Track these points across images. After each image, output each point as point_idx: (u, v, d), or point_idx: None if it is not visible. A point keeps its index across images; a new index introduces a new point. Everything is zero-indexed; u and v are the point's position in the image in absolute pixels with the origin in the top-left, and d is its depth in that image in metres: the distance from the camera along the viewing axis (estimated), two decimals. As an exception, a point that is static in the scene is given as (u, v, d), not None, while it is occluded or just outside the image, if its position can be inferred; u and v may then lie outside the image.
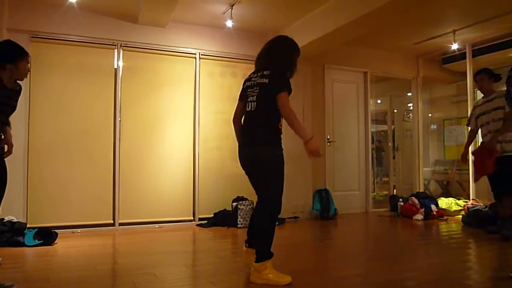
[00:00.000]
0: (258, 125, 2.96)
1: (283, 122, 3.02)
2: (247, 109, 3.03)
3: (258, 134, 2.96)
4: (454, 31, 6.00)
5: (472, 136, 4.69)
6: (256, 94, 2.96)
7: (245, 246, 3.18)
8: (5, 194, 2.87)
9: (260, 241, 2.99)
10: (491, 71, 4.54)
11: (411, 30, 6.06)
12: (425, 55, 7.29)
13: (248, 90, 3.04)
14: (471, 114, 4.69)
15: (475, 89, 6.55)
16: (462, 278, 3.16)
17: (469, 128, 4.76)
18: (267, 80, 2.93)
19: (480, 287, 2.93)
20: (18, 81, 2.92)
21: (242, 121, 3.12)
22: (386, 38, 6.35)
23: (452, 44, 6.27)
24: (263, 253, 2.94)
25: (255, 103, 2.96)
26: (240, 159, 3.09)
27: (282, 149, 3.00)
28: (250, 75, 3.14)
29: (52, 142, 5.02)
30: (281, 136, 3.01)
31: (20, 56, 2.84)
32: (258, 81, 2.98)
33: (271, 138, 2.96)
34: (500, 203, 4.39)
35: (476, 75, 4.58)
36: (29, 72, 2.98)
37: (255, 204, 4.09)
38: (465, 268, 3.53)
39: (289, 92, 2.91)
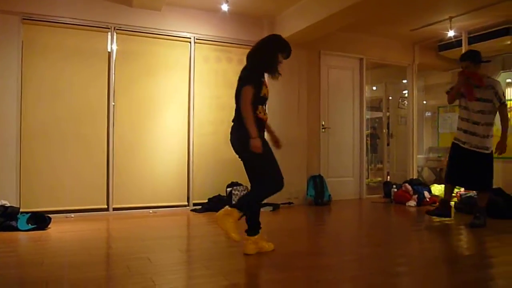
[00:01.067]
0: (237, 116, 3.28)
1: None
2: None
3: (237, 123, 3.28)
4: (450, 18, 5.97)
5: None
6: (236, 88, 3.30)
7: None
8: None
9: (244, 198, 3.41)
10: (476, 55, 4.48)
11: (408, 17, 6.02)
12: (421, 42, 7.26)
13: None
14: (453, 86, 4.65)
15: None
16: (454, 263, 3.20)
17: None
18: (241, 74, 3.31)
19: (471, 272, 2.96)
20: None
21: None
22: (382, 25, 6.31)
23: (448, 31, 6.24)
24: (238, 206, 3.22)
25: (235, 96, 3.30)
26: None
27: (259, 133, 3.23)
28: None
29: (45, 126, 4.98)
30: (263, 122, 3.31)
31: None
32: (239, 76, 3.34)
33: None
34: (450, 188, 4.71)
35: (461, 60, 4.52)
36: None
37: (248, 189, 4.22)
38: (456, 254, 3.57)
39: (255, 86, 3.19)
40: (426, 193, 6.14)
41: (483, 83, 4.33)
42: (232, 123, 3.34)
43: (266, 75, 3.39)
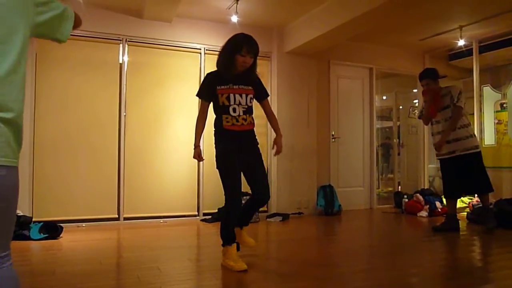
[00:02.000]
0: None
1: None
2: None
3: None
4: (460, 27, 5.95)
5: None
6: None
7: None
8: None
9: (220, 230, 3.27)
10: (434, 73, 4.78)
11: (417, 26, 6.01)
12: (432, 52, 7.24)
13: None
14: (422, 109, 4.90)
15: (482, 86, 6.52)
16: (466, 274, 3.16)
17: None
18: None
19: (482, 284, 2.92)
20: None
21: None
22: (392, 34, 6.32)
23: (458, 40, 6.21)
24: (222, 239, 3.24)
25: None
26: None
27: (221, 146, 3.25)
28: None
29: (57, 137, 5.05)
30: (233, 132, 3.19)
31: None
32: None
33: (216, 135, 3.32)
34: (454, 202, 4.80)
35: (420, 79, 4.82)
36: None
37: None
38: (468, 265, 3.53)
39: (199, 96, 3.32)
40: (437, 204, 6.07)
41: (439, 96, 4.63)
42: None
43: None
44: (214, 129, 3.30)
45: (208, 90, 3.20)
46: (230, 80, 3.15)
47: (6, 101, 1.28)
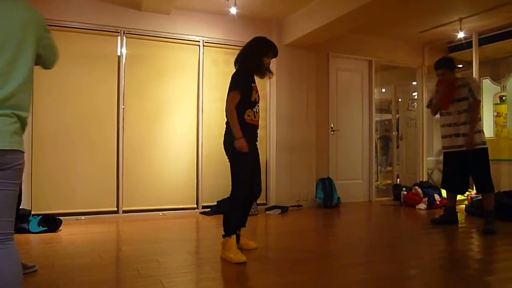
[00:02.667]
0: (227, 120, 3.36)
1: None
2: None
3: (227, 127, 3.40)
4: (460, 20, 5.93)
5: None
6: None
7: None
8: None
9: (223, 220, 3.33)
10: (450, 62, 4.62)
11: (417, 19, 5.99)
12: (431, 44, 7.22)
13: None
14: (432, 97, 4.76)
15: (481, 78, 6.51)
16: (464, 267, 3.17)
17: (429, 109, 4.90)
18: (231, 79, 3.38)
19: (482, 276, 2.93)
20: None
21: None
22: (391, 27, 6.29)
23: (458, 33, 6.19)
24: (224, 231, 3.29)
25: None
26: None
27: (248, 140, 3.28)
28: None
29: (55, 129, 5.03)
30: (252, 127, 3.37)
31: None
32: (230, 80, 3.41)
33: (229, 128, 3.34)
34: (452, 195, 4.76)
35: (436, 68, 4.65)
36: None
37: None
38: (467, 257, 3.54)
39: (239, 89, 3.28)
40: (436, 196, 6.09)
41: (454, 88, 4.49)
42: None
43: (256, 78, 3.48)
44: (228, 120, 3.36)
45: (245, 85, 3.34)
46: (254, 79, 3.44)
47: (25, 104, 1.73)
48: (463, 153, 4.45)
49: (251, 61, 3.42)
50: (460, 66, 4.65)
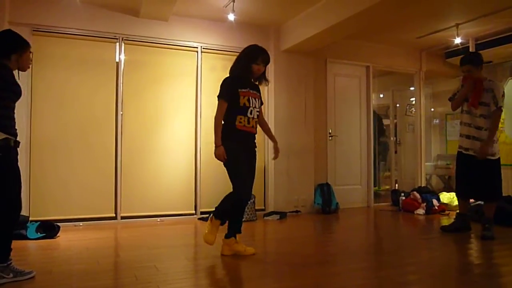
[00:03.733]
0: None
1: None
2: None
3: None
4: (457, 25, 5.96)
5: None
6: None
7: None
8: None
9: (220, 206, 3.52)
10: (477, 57, 4.40)
11: (414, 24, 6.02)
12: (428, 49, 7.25)
13: None
14: (458, 91, 4.51)
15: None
16: (464, 272, 3.17)
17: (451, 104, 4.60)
18: None
19: (481, 281, 2.93)
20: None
21: None
22: (389, 32, 6.32)
23: (455, 38, 6.22)
24: (215, 213, 3.52)
25: None
26: None
27: (232, 144, 3.40)
28: None
29: (54, 135, 5.03)
30: (245, 133, 3.45)
31: (24, 47, 2.87)
32: None
33: (224, 132, 3.42)
34: (465, 201, 4.61)
35: (462, 64, 4.41)
36: (31, 63, 3.00)
37: (255, 198, 4.46)
38: (466, 262, 3.54)
39: (223, 97, 3.45)
40: (434, 201, 6.09)
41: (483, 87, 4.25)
42: None
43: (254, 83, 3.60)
44: (224, 124, 3.46)
45: (230, 92, 3.44)
46: (247, 85, 3.49)
47: None
48: (470, 158, 4.32)
49: (240, 67, 3.52)
50: (488, 62, 4.31)
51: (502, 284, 2.91)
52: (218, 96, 3.48)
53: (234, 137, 3.40)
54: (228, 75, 3.62)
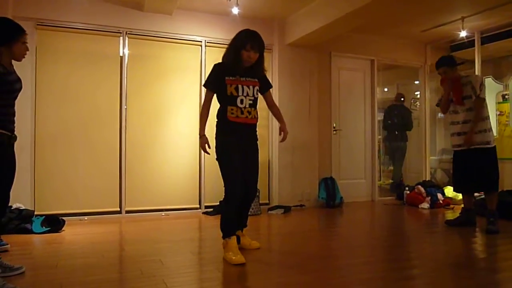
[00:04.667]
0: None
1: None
2: None
3: None
4: (462, 18, 5.91)
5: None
6: None
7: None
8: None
9: (220, 223, 3.32)
10: (451, 59, 4.57)
11: (419, 18, 5.98)
12: (433, 43, 7.20)
13: None
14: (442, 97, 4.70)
15: (484, 77, 6.48)
16: (467, 266, 3.16)
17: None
18: None
19: (484, 276, 2.93)
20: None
21: None
22: (393, 26, 6.28)
23: (460, 32, 6.17)
24: (222, 232, 3.28)
25: None
26: None
27: (222, 137, 3.28)
28: None
29: (58, 130, 5.05)
30: (237, 125, 3.24)
31: (13, 38, 2.70)
32: None
33: (218, 125, 3.33)
34: (469, 195, 4.63)
35: (437, 67, 4.58)
36: (26, 52, 2.81)
37: (259, 192, 4.36)
38: (470, 257, 3.53)
39: (206, 86, 3.31)
40: (439, 195, 6.08)
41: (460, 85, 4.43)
42: None
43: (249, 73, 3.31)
44: (216, 120, 3.32)
45: (216, 80, 3.26)
46: (238, 72, 3.24)
47: None
48: (467, 153, 4.40)
49: (229, 55, 3.29)
50: (461, 62, 4.55)
51: (506, 278, 2.90)
52: (203, 85, 3.36)
53: (227, 129, 3.24)
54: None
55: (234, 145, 3.23)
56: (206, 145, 3.29)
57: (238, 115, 3.21)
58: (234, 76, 3.23)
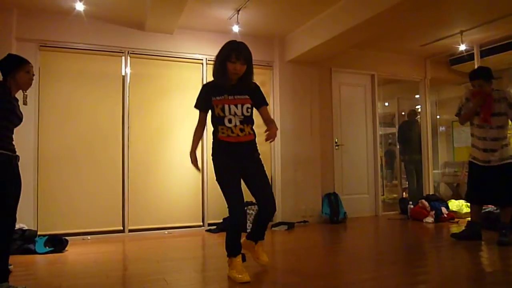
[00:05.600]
0: None
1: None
2: None
3: None
4: (461, 32, 5.96)
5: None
6: None
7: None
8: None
9: (227, 248, 3.23)
10: (489, 72, 4.35)
11: (418, 32, 6.03)
12: (433, 57, 7.25)
13: None
14: (463, 105, 4.51)
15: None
16: (476, 280, 3.13)
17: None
18: None
19: (494, 290, 2.89)
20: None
21: None
22: (393, 41, 6.33)
23: (459, 45, 6.23)
24: (227, 250, 3.20)
25: None
26: None
27: (217, 158, 3.26)
28: None
29: (61, 149, 5.06)
30: (229, 144, 3.16)
31: (14, 68, 2.85)
32: None
33: (212, 146, 3.33)
34: (476, 208, 4.52)
35: (472, 79, 4.38)
36: (31, 81, 2.94)
37: None
38: (478, 270, 3.49)
39: (197, 108, 3.27)
40: (443, 209, 6.04)
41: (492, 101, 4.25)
42: None
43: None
44: (213, 137, 3.31)
45: (204, 101, 3.21)
46: (226, 90, 3.11)
47: None
48: (496, 167, 4.26)
49: (215, 70, 3.17)
50: (498, 77, 4.31)
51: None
52: (194, 106, 3.27)
53: (219, 149, 3.21)
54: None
55: (231, 164, 3.14)
56: (195, 162, 3.39)
57: (229, 134, 3.12)
58: (222, 95, 3.10)
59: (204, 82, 5.73)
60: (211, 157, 3.31)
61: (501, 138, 4.25)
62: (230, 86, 3.11)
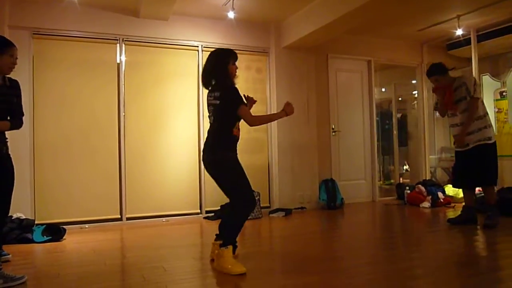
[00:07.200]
0: (213, 135, 3.33)
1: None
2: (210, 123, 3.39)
3: (213, 142, 3.31)
4: (458, 17, 5.93)
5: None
6: (211, 113, 3.33)
7: (215, 239, 3.36)
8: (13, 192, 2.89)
9: (227, 230, 3.20)
10: (441, 67, 4.58)
11: (415, 17, 5.99)
12: (430, 42, 7.21)
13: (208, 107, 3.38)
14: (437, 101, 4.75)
15: (481, 75, 6.50)
16: (470, 264, 3.16)
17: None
18: (224, 95, 3.21)
19: (487, 273, 2.92)
20: (8, 76, 2.90)
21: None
22: (389, 26, 6.29)
23: (456, 30, 6.19)
24: (227, 240, 3.10)
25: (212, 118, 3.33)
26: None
27: (231, 152, 3.27)
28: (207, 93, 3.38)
29: (57, 138, 5.04)
30: (234, 138, 3.26)
31: None
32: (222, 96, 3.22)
33: (223, 142, 3.28)
34: (468, 192, 4.66)
35: (428, 76, 4.67)
36: (14, 65, 2.87)
37: (260, 195, 4.22)
38: (472, 255, 3.53)
39: (244, 102, 3.25)
40: (440, 194, 6.08)
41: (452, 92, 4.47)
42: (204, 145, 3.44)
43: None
44: (222, 135, 3.26)
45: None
46: (211, 91, 3.33)
47: None
48: (469, 151, 4.41)
49: (226, 76, 3.31)
50: (452, 68, 4.63)
51: (509, 276, 2.90)
52: (243, 103, 3.21)
53: (233, 144, 3.31)
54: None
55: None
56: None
57: (238, 128, 3.31)
58: (211, 94, 3.34)
59: (200, 69, 5.70)
60: (220, 152, 3.27)
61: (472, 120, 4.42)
62: (212, 87, 3.36)
